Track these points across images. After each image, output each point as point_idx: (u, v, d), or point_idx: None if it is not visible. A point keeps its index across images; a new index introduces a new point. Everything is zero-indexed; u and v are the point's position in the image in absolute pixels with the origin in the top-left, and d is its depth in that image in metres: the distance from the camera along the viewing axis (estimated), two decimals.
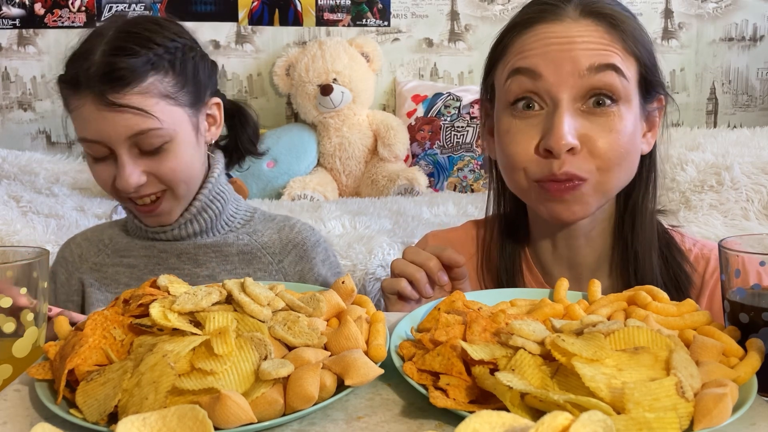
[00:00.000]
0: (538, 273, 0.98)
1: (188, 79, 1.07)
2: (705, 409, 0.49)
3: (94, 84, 0.99)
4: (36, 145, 2.78)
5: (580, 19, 0.85)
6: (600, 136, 0.83)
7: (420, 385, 0.56)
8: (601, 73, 0.82)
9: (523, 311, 0.70)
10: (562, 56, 0.83)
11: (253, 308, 0.61)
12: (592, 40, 0.84)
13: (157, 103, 1.02)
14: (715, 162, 2.00)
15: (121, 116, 0.99)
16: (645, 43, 0.88)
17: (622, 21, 0.87)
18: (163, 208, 1.08)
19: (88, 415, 0.52)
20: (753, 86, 2.92)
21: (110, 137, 1.00)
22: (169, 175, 1.05)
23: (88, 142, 1.03)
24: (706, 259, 0.95)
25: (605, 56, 0.83)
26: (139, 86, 1.00)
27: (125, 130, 1.00)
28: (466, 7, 2.83)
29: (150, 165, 1.03)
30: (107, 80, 0.99)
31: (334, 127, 2.56)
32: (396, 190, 2.42)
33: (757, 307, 0.61)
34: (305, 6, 2.80)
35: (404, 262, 0.85)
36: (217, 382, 0.52)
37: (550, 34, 0.85)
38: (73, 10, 2.73)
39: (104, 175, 1.05)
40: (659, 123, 0.93)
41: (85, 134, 1.03)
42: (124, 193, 1.04)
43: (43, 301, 0.69)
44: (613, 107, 0.83)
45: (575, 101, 0.83)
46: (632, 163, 0.88)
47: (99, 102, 0.99)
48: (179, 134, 1.05)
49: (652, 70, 0.89)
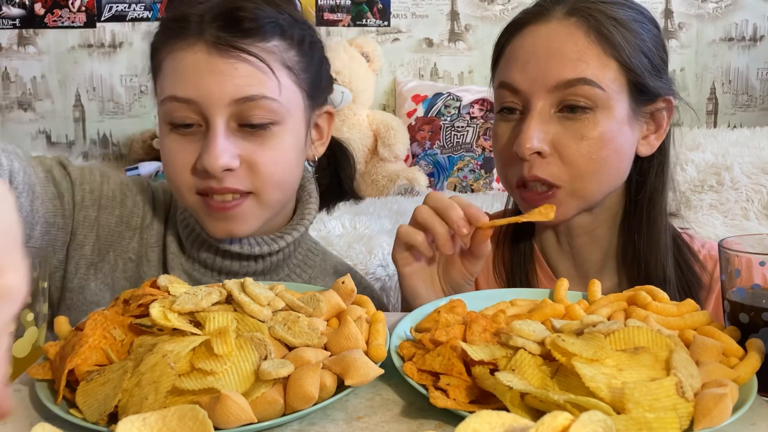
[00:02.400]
0: (548, 269, 0.99)
1: (312, 65, 0.88)
2: (705, 409, 0.49)
3: (209, 27, 0.80)
4: (36, 145, 2.78)
5: (563, 20, 0.87)
6: (570, 144, 0.85)
7: (420, 385, 0.56)
8: (572, 87, 0.84)
9: (523, 311, 0.70)
10: (537, 69, 0.85)
11: (253, 308, 0.61)
12: (566, 50, 0.85)
13: (279, 69, 0.82)
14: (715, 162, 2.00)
15: (234, 70, 0.79)
16: (638, 45, 0.87)
17: (607, 23, 0.86)
18: (241, 211, 0.83)
19: (88, 415, 0.52)
20: (753, 86, 2.92)
21: (211, 97, 0.79)
22: (268, 169, 0.82)
23: (178, 102, 0.81)
24: (714, 260, 0.96)
25: (577, 69, 0.84)
26: (263, 42, 0.81)
27: (234, 90, 0.79)
28: (466, 7, 2.83)
29: (247, 149, 0.82)
30: (228, 23, 0.80)
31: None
32: (396, 190, 2.42)
33: (757, 307, 0.61)
34: (305, 6, 2.80)
35: (429, 212, 0.80)
36: (217, 382, 0.53)
37: (531, 41, 0.87)
38: (73, 10, 2.73)
39: (182, 153, 0.82)
40: (668, 124, 0.92)
41: (178, 91, 0.81)
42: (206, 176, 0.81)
43: (43, 301, 0.69)
44: (588, 113, 0.85)
45: (549, 107, 0.86)
46: (613, 170, 0.88)
47: (212, 46, 0.79)
48: (291, 121, 0.85)
49: (650, 71, 0.88)
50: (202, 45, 0.80)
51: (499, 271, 1.01)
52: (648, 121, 0.91)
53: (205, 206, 0.84)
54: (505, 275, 1.00)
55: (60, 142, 2.81)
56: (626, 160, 0.89)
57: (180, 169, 0.83)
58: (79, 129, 2.80)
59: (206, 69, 0.80)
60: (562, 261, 0.98)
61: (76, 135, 2.81)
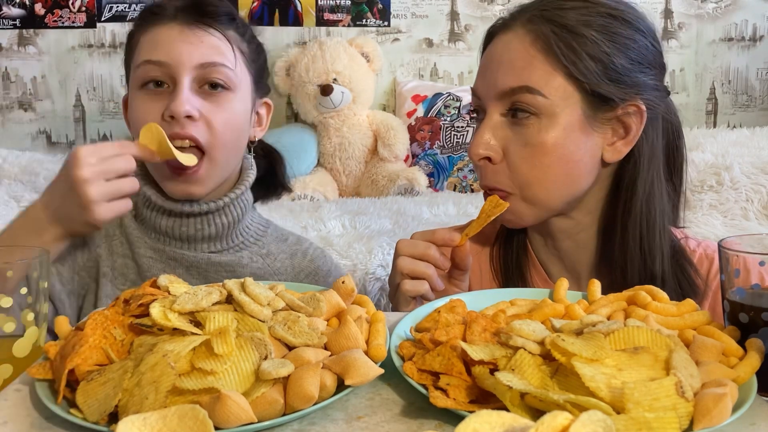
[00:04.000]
0: (542, 270, 0.99)
1: (258, 61, 1.08)
2: (705, 408, 0.49)
3: (180, 13, 1.00)
4: (36, 146, 2.78)
5: (520, 29, 0.89)
6: (516, 150, 0.88)
7: (420, 385, 0.56)
8: (516, 95, 0.87)
9: (523, 311, 0.70)
10: (491, 78, 0.90)
11: (253, 308, 0.61)
12: (515, 59, 0.88)
13: (234, 50, 1.02)
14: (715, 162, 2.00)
15: (201, 42, 0.99)
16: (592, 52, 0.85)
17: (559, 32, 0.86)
18: (197, 175, 1.00)
19: (89, 415, 0.52)
20: (753, 86, 2.92)
21: (181, 60, 0.97)
22: (221, 127, 0.99)
23: (151, 65, 0.98)
24: (710, 260, 0.95)
25: (521, 78, 0.86)
26: (222, 29, 1.01)
27: (199, 56, 0.98)
28: (466, 7, 2.83)
29: (206, 108, 0.99)
30: (195, 10, 1.00)
31: (334, 127, 2.56)
32: (396, 190, 2.42)
33: (757, 307, 0.61)
34: (305, 6, 2.80)
35: (412, 261, 0.85)
36: (217, 382, 0.53)
37: (491, 51, 0.92)
38: (73, 10, 2.73)
39: (152, 106, 0.98)
40: (639, 128, 0.88)
41: (152, 55, 0.98)
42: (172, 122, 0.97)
43: (44, 301, 0.69)
44: (531, 119, 0.87)
45: (500, 114, 0.89)
46: (561, 177, 0.88)
47: (184, 23, 0.99)
48: (241, 92, 1.03)
49: (605, 78, 0.86)
50: (175, 23, 1.00)
51: (493, 276, 1.01)
52: (616, 127, 0.89)
53: (168, 169, 0.99)
54: (501, 275, 1.00)
55: (60, 142, 2.81)
56: (580, 167, 0.88)
57: (148, 119, 0.97)
58: (79, 129, 2.81)
59: (179, 38, 0.98)
60: (552, 264, 0.99)
61: (76, 135, 2.81)
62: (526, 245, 1.01)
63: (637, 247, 0.90)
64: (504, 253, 1.01)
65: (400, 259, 0.86)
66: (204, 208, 1.04)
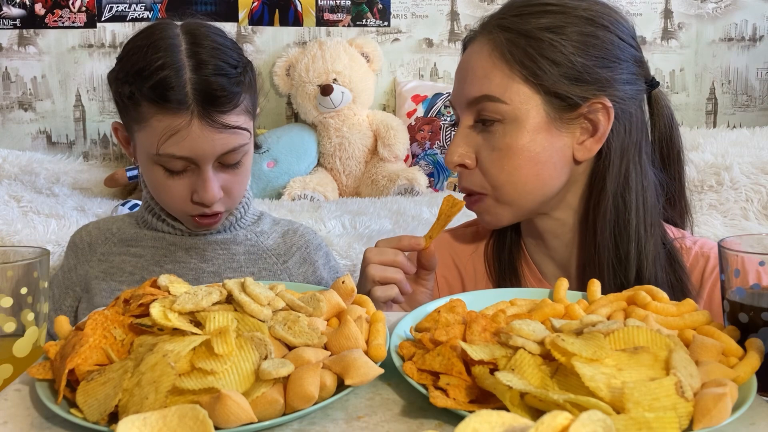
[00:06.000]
0: (535, 270, 1.00)
1: (254, 91, 1.10)
2: (704, 408, 0.49)
3: (194, 103, 0.98)
4: (36, 145, 2.78)
5: (483, 38, 0.92)
6: (486, 155, 0.92)
7: (420, 385, 0.56)
8: (479, 104, 0.91)
9: (523, 311, 0.70)
10: (459, 87, 0.95)
11: (254, 308, 0.61)
12: (476, 69, 0.91)
13: (246, 121, 1.05)
14: (715, 162, 2.00)
15: (221, 137, 1.00)
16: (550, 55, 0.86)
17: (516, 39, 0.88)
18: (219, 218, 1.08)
19: (89, 415, 0.52)
20: (752, 86, 2.92)
21: (205, 154, 1.00)
22: (238, 190, 1.07)
23: (176, 159, 1.00)
24: (705, 257, 0.95)
25: (482, 87, 0.90)
26: (237, 107, 1.02)
27: (222, 148, 1.01)
28: (466, 7, 2.83)
29: (225, 180, 1.04)
30: (212, 101, 0.99)
31: (334, 127, 2.56)
32: (396, 190, 2.42)
33: (757, 307, 0.61)
34: (305, 6, 2.80)
35: (381, 268, 0.88)
36: (217, 381, 0.53)
37: (461, 62, 0.96)
38: (73, 10, 2.73)
39: (180, 190, 1.03)
40: (606, 125, 0.88)
41: (176, 150, 0.99)
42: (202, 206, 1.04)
43: (44, 301, 0.69)
44: (497, 126, 0.90)
45: (469, 122, 0.93)
46: (531, 177, 0.90)
47: (202, 119, 0.98)
48: (251, 147, 1.08)
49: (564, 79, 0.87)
50: (193, 118, 0.98)
51: (486, 275, 1.02)
52: (585, 125, 0.89)
53: (193, 220, 1.08)
54: (495, 275, 1.01)
55: (60, 142, 2.81)
56: (549, 168, 0.90)
57: (178, 202, 1.05)
58: (80, 129, 2.80)
59: (200, 136, 0.99)
60: (545, 263, 1.00)
61: (77, 135, 2.81)
62: (520, 245, 1.01)
63: (610, 243, 0.90)
64: (498, 253, 1.02)
65: (370, 267, 0.88)
66: None
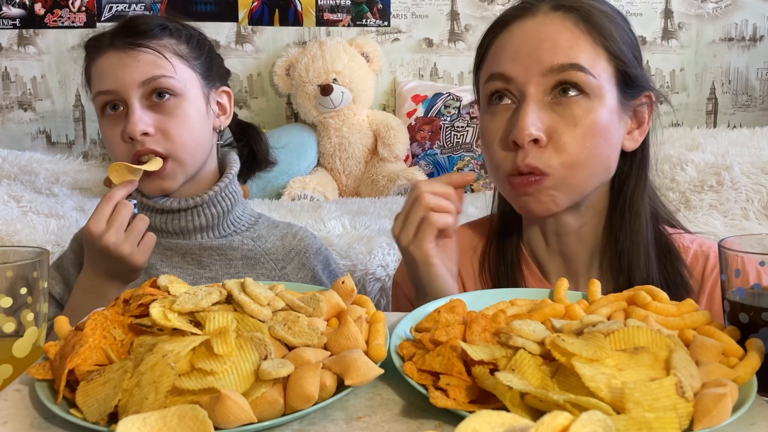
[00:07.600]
0: (536, 270, 0.99)
1: (203, 54, 1.15)
2: (705, 408, 0.49)
3: (116, 39, 1.08)
4: (36, 145, 2.77)
5: (550, 13, 0.88)
6: (565, 131, 0.85)
7: (420, 385, 0.56)
8: (565, 72, 0.84)
9: (523, 311, 0.70)
10: (529, 57, 0.86)
11: (253, 308, 0.61)
12: (557, 39, 0.85)
13: (171, 57, 1.09)
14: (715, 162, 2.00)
15: (137, 61, 1.06)
16: (622, 37, 0.88)
17: (594, 15, 0.87)
18: (165, 173, 1.08)
19: (89, 415, 0.52)
20: (753, 86, 2.92)
21: (125, 83, 1.06)
22: (176, 134, 1.07)
23: (103, 94, 1.08)
24: (705, 257, 0.95)
25: (569, 56, 0.85)
26: (155, 39, 1.09)
27: (139, 75, 1.06)
28: (466, 7, 2.83)
29: (159, 120, 1.07)
30: (127, 32, 1.08)
31: (334, 127, 2.56)
32: (396, 190, 2.42)
33: (757, 307, 0.61)
34: (305, 6, 2.80)
35: (436, 197, 0.87)
36: (217, 382, 0.53)
37: (520, 33, 0.88)
38: (73, 10, 2.73)
39: (113, 131, 1.08)
40: (650, 120, 0.92)
41: (101, 86, 1.08)
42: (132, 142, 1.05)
43: (43, 301, 0.69)
44: (580, 98, 0.85)
45: (543, 95, 0.86)
46: (604, 160, 0.88)
47: (120, 49, 1.07)
48: (189, 94, 1.10)
49: (633, 64, 0.88)
50: (113, 50, 1.08)
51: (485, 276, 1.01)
52: (632, 117, 0.91)
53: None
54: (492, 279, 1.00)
55: (60, 142, 2.81)
56: (615, 153, 0.89)
57: (114, 143, 1.08)
58: (79, 129, 2.80)
59: (118, 65, 1.07)
60: (551, 261, 0.98)
61: (76, 135, 2.80)
62: (520, 246, 1.00)
63: (637, 241, 0.91)
64: (496, 253, 1.01)
65: (425, 195, 0.87)
66: (191, 203, 1.13)
